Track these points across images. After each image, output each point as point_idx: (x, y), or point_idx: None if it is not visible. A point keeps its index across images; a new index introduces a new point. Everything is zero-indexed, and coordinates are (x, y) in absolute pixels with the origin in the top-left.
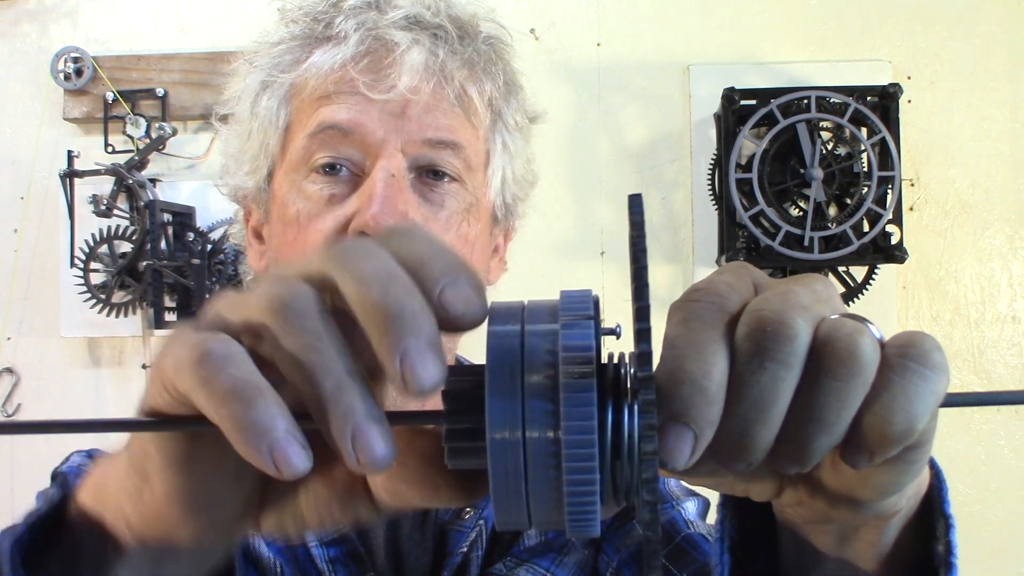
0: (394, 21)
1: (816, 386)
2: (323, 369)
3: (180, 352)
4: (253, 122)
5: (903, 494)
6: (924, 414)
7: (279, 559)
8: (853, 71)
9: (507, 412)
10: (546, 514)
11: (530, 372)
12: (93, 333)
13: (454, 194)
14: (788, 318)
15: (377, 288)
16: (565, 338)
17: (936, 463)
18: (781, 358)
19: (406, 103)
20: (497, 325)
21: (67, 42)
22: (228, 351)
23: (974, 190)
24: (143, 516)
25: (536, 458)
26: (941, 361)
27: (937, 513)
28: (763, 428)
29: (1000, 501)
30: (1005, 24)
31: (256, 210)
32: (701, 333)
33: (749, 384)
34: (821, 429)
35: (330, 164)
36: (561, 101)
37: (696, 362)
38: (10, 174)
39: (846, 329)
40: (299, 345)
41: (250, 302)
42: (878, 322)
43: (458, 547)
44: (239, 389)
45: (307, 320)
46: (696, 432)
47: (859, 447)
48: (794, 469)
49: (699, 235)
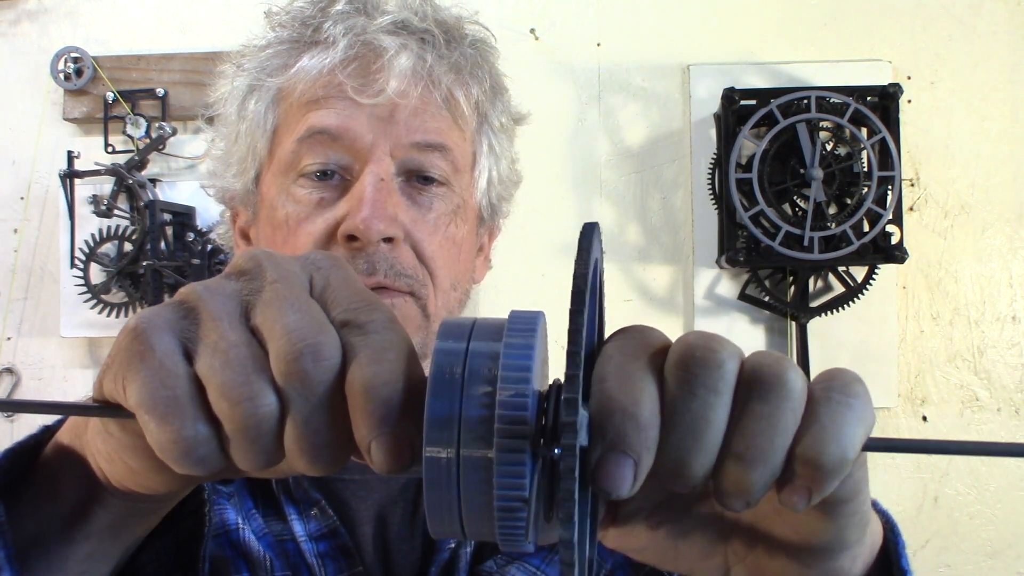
0: (382, 26)
1: (748, 413)
2: (240, 409)
3: (121, 358)
4: (240, 125)
5: (855, 555)
6: (855, 442)
7: (269, 553)
8: (853, 71)
9: (444, 429)
10: (478, 527)
11: (469, 391)
12: (93, 333)
13: (442, 197)
14: (715, 346)
15: (295, 364)
16: (504, 367)
17: (890, 517)
18: (710, 384)
19: (394, 107)
20: (444, 341)
21: (67, 42)
22: (161, 365)
23: (974, 190)
24: (120, 476)
25: (469, 477)
26: (863, 392)
27: (895, 568)
28: (699, 455)
29: (1000, 501)
30: (1005, 24)
31: (243, 211)
32: (628, 365)
33: (681, 412)
34: (757, 457)
35: (321, 171)
36: (561, 101)
37: (625, 392)
38: (10, 174)
39: (772, 358)
40: (225, 391)
41: (201, 337)
42: (878, 322)
43: (447, 543)
44: (161, 407)
45: (231, 370)
46: (635, 459)
47: (796, 485)
48: (740, 505)
49: (699, 235)
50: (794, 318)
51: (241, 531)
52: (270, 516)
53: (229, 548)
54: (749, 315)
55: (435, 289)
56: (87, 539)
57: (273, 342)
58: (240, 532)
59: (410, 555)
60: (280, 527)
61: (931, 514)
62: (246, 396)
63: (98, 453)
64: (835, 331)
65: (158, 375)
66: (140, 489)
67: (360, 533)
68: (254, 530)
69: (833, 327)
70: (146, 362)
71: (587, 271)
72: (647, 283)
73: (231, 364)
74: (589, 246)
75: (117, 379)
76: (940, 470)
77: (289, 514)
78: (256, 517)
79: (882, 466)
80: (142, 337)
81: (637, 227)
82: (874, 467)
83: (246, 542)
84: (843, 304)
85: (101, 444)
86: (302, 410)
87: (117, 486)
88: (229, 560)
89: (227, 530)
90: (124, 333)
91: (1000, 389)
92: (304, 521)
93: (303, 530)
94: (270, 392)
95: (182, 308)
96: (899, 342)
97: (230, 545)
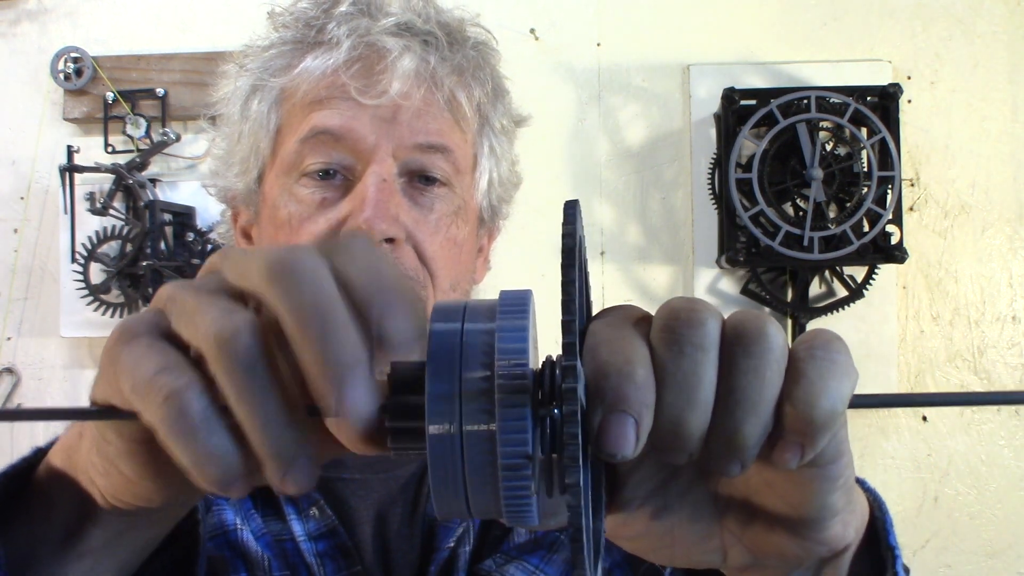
0: (385, 28)
1: (734, 368)
2: (253, 411)
3: (127, 361)
4: (243, 125)
5: (846, 522)
6: (842, 395)
7: (267, 553)
8: (853, 71)
9: (445, 405)
10: (483, 503)
11: (468, 367)
12: (93, 333)
13: (443, 198)
14: (697, 306)
15: (314, 325)
16: (500, 340)
17: (877, 494)
18: (697, 342)
19: (397, 108)
20: (438, 323)
21: (67, 42)
22: (170, 369)
23: (974, 190)
24: (114, 489)
25: (472, 450)
26: (844, 348)
27: (883, 545)
28: (693, 413)
29: (1000, 501)
30: (1005, 24)
31: (245, 211)
32: (617, 331)
33: (672, 372)
34: (748, 411)
35: (323, 170)
36: (561, 101)
37: (617, 354)
38: (10, 174)
39: (751, 315)
40: (235, 387)
41: (196, 320)
42: (878, 322)
43: (446, 542)
44: (181, 420)
45: (243, 361)
46: (635, 417)
47: (788, 442)
48: (735, 466)
49: (699, 235)
50: (794, 318)
51: (239, 531)
52: (269, 516)
53: (227, 548)
54: None
55: (435, 290)
56: (81, 558)
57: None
58: (238, 532)
59: (409, 554)
60: (279, 527)
61: (931, 514)
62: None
63: (92, 467)
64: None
65: (146, 353)
66: (135, 500)
67: (359, 532)
68: (253, 530)
69: (833, 327)
70: (131, 344)
71: (574, 228)
72: (647, 283)
73: (212, 318)
74: (574, 219)
75: (109, 377)
76: (940, 470)
77: (288, 514)
78: (255, 517)
79: (882, 466)
80: (125, 332)
81: (637, 227)
82: (874, 467)
83: (244, 542)
84: (843, 304)
85: (96, 456)
86: None
87: (112, 500)
88: (227, 560)
89: (225, 530)
90: (107, 342)
91: (1000, 389)
92: (303, 520)
93: (302, 530)
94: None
95: (156, 307)
96: (899, 342)
97: (228, 545)
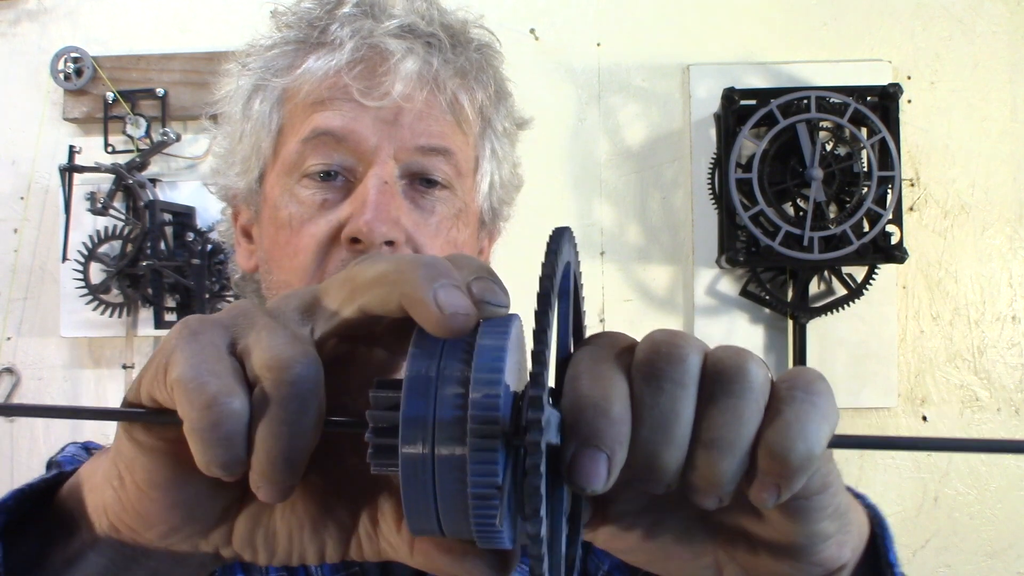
0: (389, 30)
1: (713, 406)
2: (281, 433)
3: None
4: (245, 124)
5: (840, 543)
6: (820, 439)
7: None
8: (853, 71)
9: (418, 428)
10: (455, 526)
11: (442, 393)
12: (93, 333)
13: (444, 200)
14: (679, 341)
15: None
16: (477, 369)
17: (877, 510)
18: (676, 378)
19: (399, 110)
20: (416, 347)
21: (67, 42)
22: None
23: (974, 190)
24: (121, 502)
25: (444, 476)
26: (826, 389)
27: (883, 562)
28: (669, 449)
29: (1000, 501)
30: (1005, 24)
31: (246, 210)
32: (598, 365)
33: (649, 407)
34: (724, 449)
35: (324, 171)
36: (561, 101)
37: (595, 388)
38: (10, 174)
39: (733, 351)
40: (279, 412)
41: (264, 340)
42: (878, 322)
43: None
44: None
45: (298, 392)
46: (607, 453)
47: (764, 482)
48: (712, 501)
49: (699, 235)
50: (794, 318)
51: (220, 559)
52: None
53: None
54: (749, 315)
55: None
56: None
57: None
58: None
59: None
60: None
61: (931, 514)
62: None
63: (106, 479)
64: (835, 331)
65: (204, 351)
66: (135, 520)
67: None
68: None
69: (833, 327)
70: (194, 341)
71: (553, 272)
72: (647, 283)
73: (277, 342)
74: (557, 248)
75: (159, 362)
76: (940, 470)
77: None
78: None
79: (882, 466)
80: (191, 328)
81: (637, 227)
82: (874, 467)
83: None
84: (843, 304)
85: (113, 462)
86: None
87: (114, 519)
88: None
89: None
90: (170, 331)
91: (1000, 389)
92: None
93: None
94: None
95: (226, 317)
96: (899, 342)
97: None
